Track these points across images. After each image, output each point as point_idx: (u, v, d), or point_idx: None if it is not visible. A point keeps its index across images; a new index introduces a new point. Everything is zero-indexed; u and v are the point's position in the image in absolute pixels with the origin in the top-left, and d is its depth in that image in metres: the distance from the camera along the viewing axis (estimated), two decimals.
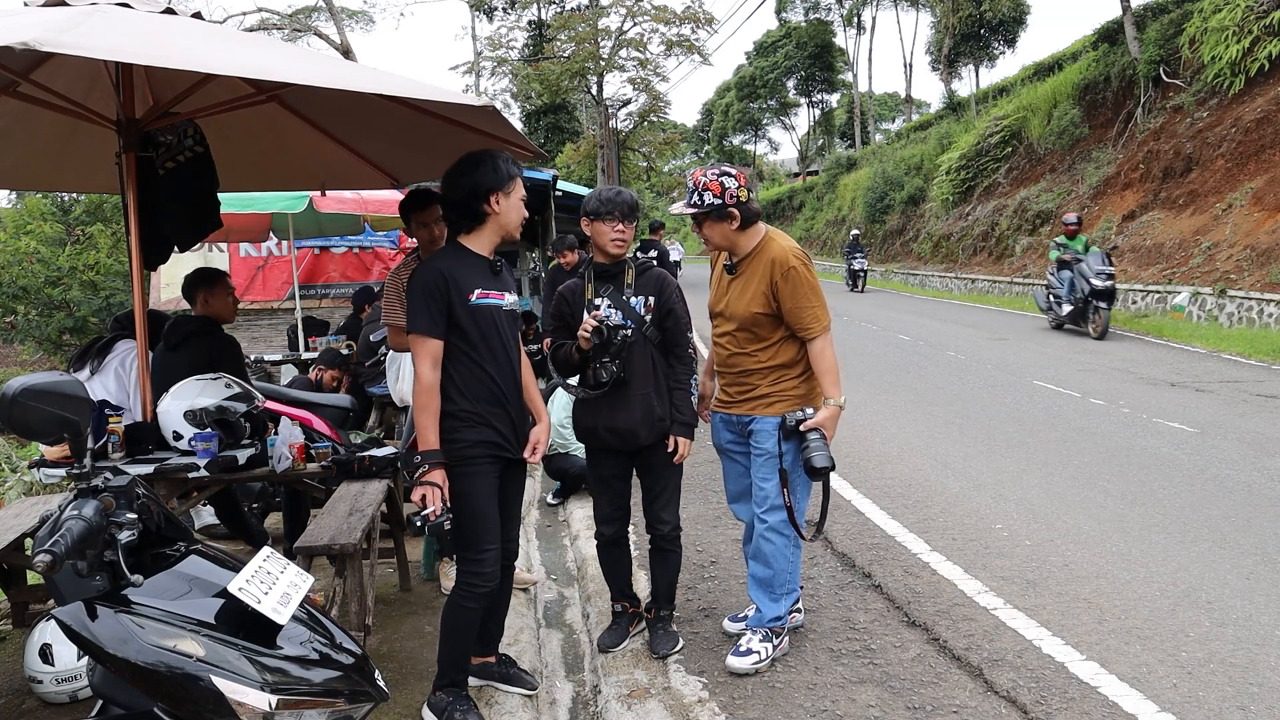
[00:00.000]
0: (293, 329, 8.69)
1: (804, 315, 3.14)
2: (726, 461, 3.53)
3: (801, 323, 3.15)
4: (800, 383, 3.25)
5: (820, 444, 3.06)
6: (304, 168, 4.75)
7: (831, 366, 3.16)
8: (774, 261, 3.15)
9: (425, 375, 2.73)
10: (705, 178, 3.17)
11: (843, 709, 3.00)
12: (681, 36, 30.48)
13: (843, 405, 3.17)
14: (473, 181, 2.78)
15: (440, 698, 2.90)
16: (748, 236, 3.24)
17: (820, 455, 3.03)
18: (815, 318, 3.14)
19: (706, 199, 3.15)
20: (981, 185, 23.40)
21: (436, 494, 2.66)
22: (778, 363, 3.23)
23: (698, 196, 3.17)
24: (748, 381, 3.28)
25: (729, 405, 3.38)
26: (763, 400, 3.25)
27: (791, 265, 3.13)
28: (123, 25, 2.56)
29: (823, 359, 3.15)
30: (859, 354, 11.55)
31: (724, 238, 3.23)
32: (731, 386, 3.35)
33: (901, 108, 50.27)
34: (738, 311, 3.24)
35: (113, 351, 4.08)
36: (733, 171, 3.19)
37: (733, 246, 3.26)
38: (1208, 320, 12.61)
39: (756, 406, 3.26)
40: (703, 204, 3.16)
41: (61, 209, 14.02)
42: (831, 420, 3.13)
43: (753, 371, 3.26)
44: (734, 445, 3.44)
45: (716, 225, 3.20)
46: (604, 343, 3.11)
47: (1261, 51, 14.43)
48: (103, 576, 1.73)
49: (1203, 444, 6.23)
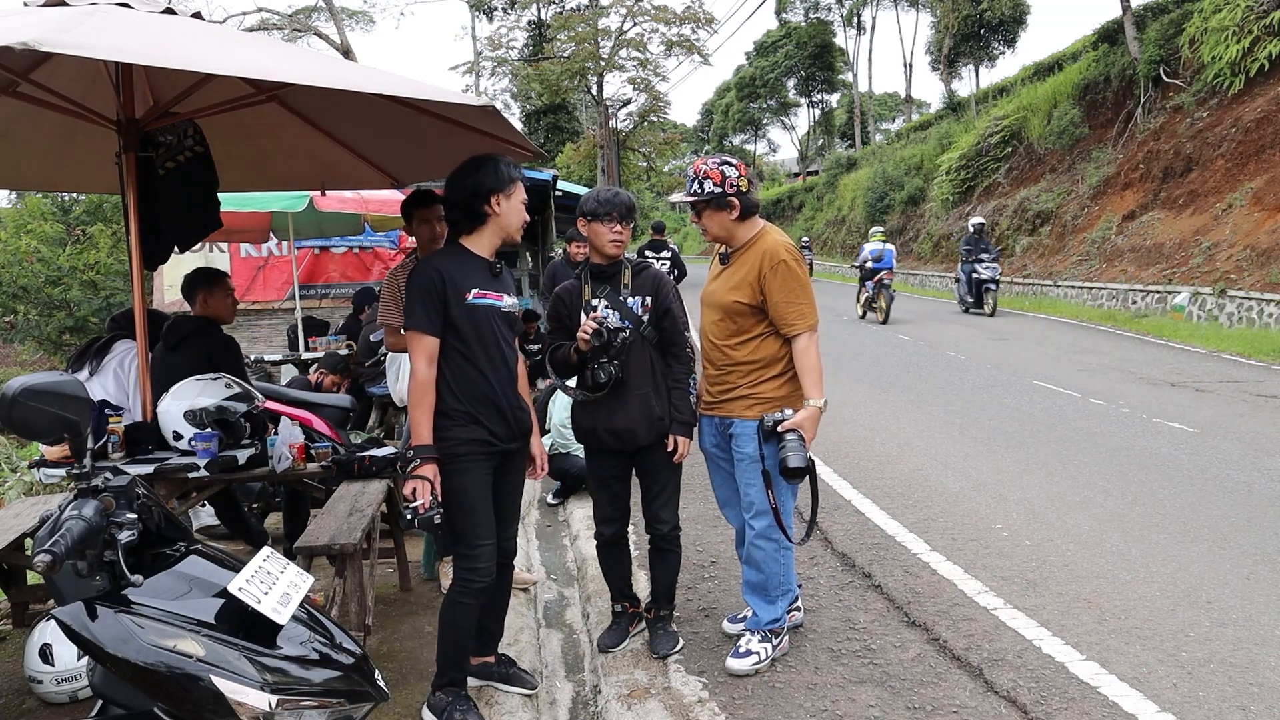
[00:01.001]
0: (293, 329, 8.68)
1: (789, 311, 3.12)
2: (712, 466, 3.51)
3: (786, 318, 3.12)
4: (780, 385, 3.20)
5: (797, 444, 2.99)
6: (304, 168, 4.75)
7: (814, 366, 3.12)
8: (765, 253, 3.14)
9: (420, 371, 2.77)
10: (706, 166, 3.19)
11: (843, 709, 3.00)
12: (681, 36, 30.52)
13: (823, 407, 3.11)
14: (474, 183, 2.81)
15: (440, 698, 2.91)
16: (745, 228, 3.24)
17: (796, 455, 2.97)
18: (801, 314, 3.13)
19: (707, 187, 3.15)
20: (981, 185, 23.40)
21: (426, 487, 2.69)
22: (756, 358, 3.20)
23: (698, 185, 3.17)
24: (727, 380, 3.26)
25: (712, 407, 3.35)
26: (741, 401, 3.22)
27: (781, 259, 3.12)
28: (123, 25, 2.56)
29: (805, 357, 3.12)
30: (859, 354, 11.55)
31: (722, 227, 3.22)
32: (714, 385, 3.33)
33: (901, 108, 50.27)
34: (721, 300, 3.24)
35: (111, 352, 4.07)
36: (733, 161, 3.20)
37: (730, 237, 3.25)
38: (1208, 320, 12.61)
39: (735, 408, 3.24)
40: (702, 192, 3.16)
41: (62, 209, 14.03)
42: (811, 421, 3.07)
43: (732, 368, 3.24)
44: (718, 450, 3.42)
45: (716, 214, 3.19)
46: (604, 345, 3.11)
47: (1261, 51, 14.43)
48: (103, 576, 1.74)
49: (1203, 444, 6.23)
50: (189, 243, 4.02)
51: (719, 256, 3.36)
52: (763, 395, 3.19)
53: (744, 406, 3.21)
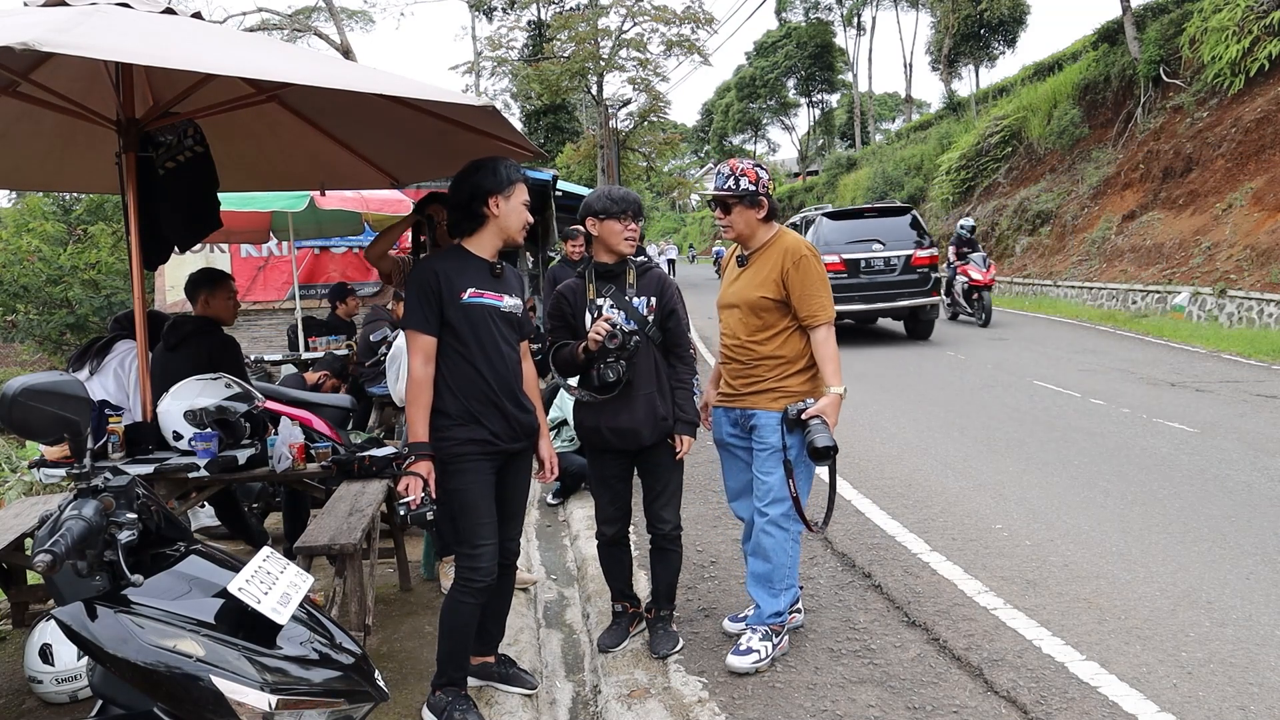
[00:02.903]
0: (293, 329, 8.67)
1: (811, 303, 3.23)
2: (726, 457, 3.55)
3: (809, 309, 3.24)
4: (805, 380, 3.29)
5: (823, 427, 3.11)
6: (304, 168, 4.75)
7: (833, 355, 3.24)
8: (787, 251, 3.26)
9: (417, 370, 2.81)
10: (742, 165, 3.33)
11: (843, 709, 3.00)
12: (681, 36, 30.48)
13: (843, 394, 3.22)
14: (473, 185, 2.84)
15: (440, 698, 2.91)
16: (766, 229, 3.36)
17: (822, 436, 3.08)
18: (821, 306, 3.25)
19: (743, 184, 3.27)
20: (981, 185, 23.40)
21: (418, 484, 2.71)
22: (783, 354, 3.29)
23: (733, 181, 3.29)
24: (753, 374, 3.32)
25: (732, 399, 3.41)
26: (766, 394, 3.29)
27: (803, 254, 3.25)
28: (123, 25, 2.56)
29: (825, 347, 3.24)
30: (859, 354, 11.56)
31: (748, 225, 3.33)
32: (736, 379, 3.39)
33: (901, 108, 50.25)
34: (746, 297, 3.32)
35: (112, 352, 4.07)
36: (765, 165, 3.40)
37: (752, 236, 3.35)
38: (1208, 320, 12.61)
39: (760, 400, 3.30)
40: (738, 188, 3.27)
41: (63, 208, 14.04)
42: (833, 407, 3.18)
43: (759, 362, 3.31)
44: (735, 439, 3.46)
45: (746, 211, 3.30)
46: (619, 346, 3.12)
47: (1261, 51, 14.44)
48: (103, 576, 1.73)
49: (1203, 444, 6.23)
50: (189, 243, 4.02)
51: (736, 260, 3.46)
52: (788, 389, 3.28)
53: (769, 399, 3.29)
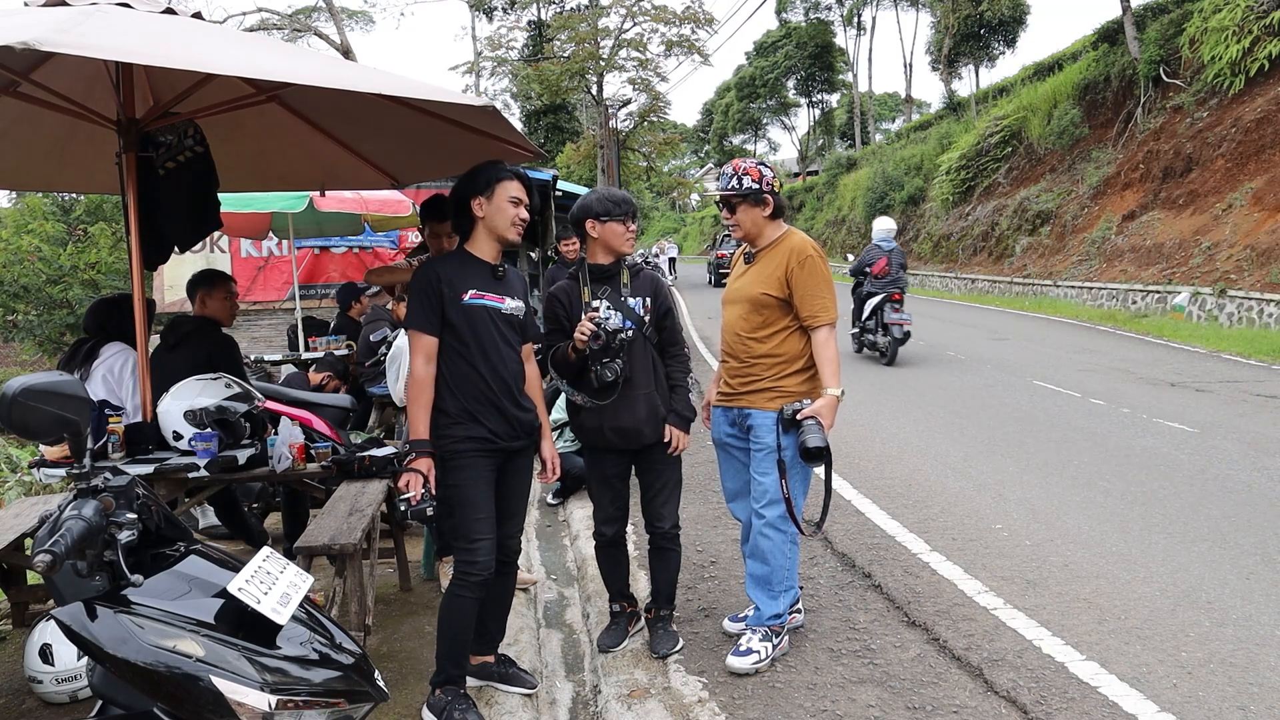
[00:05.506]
0: (293, 329, 8.67)
1: (813, 303, 3.23)
2: (724, 457, 3.56)
3: (811, 309, 3.23)
4: (802, 381, 3.29)
5: (816, 427, 3.10)
6: (304, 168, 4.75)
7: (833, 357, 3.23)
8: (793, 250, 3.27)
9: (418, 369, 2.86)
10: (746, 164, 3.34)
11: (843, 709, 3.00)
12: (681, 36, 30.46)
13: (840, 396, 3.21)
14: (458, 190, 2.93)
15: (440, 697, 2.91)
16: (773, 226, 3.36)
17: (815, 436, 3.07)
18: (824, 307, 3.24)
19: (746, 183, 3.28)
20: (981, 185, 23.41)
21: (418, 480, 2.74)
22: (781, 352, 3.28)
23: (737, 180, 3.29)
24: (751, 373, 3.32)
25: (730, 398, 3.41)
26: (764, 394, 3.29)
27: (809, 255, 3.25)
28: (123, 25, 2.56)
29: (825, 348, 3.23)
30: (859, 353, 11.55)
31: (754, 223, 3.33)
32: (734, 378, 3.39)
33: (901, 108, 50.24)
34: (749, 293, 3.33)
35: (99, 357, 3.94)
36: (769, 163, 3.35)
37: (759, 234, 3.36)
38: (1208, 320, 12.61)
39: (757, 399, 3.30)
40: (741, 187, 3.28)
41: (62, 208, 14.03)
42: (829, 409, 3.17)
43: (756, 360, 3.31)
44: (733, 439, 3.46)
45: (751, 210, 3.30)
46: (603, 346, 3.12)
47: (1261, 51, 14.44)
48: (102, 576, 1.73)
49: (1203, 444, 6.22)
50: (189, 243, 4.02)
51: (744, 256, 3.48)
52: (785, 389, 3.27)
53: (766, 399, 3.29)
